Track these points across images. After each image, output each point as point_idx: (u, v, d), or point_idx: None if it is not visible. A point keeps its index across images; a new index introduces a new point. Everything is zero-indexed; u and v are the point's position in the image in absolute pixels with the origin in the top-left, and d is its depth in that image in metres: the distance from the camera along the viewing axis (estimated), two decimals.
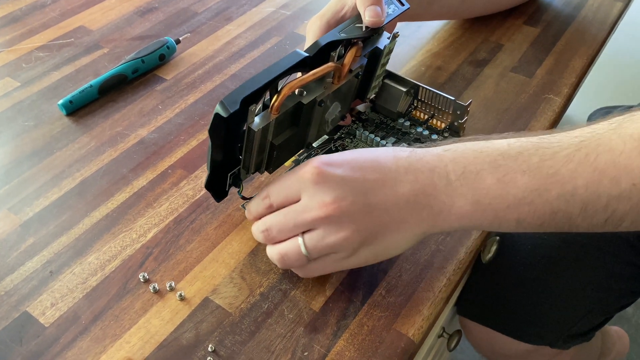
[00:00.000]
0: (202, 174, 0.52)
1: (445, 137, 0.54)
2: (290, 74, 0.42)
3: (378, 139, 0.53)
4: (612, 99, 0.95)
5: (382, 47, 0.49)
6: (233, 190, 0.50)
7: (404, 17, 0.60)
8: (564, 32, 0.68)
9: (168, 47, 0.65)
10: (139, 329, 0.41)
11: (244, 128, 0.41)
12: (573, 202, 0.36)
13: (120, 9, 0.74)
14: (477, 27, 0.70)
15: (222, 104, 0.38)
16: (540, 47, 0.66)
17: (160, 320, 0.42)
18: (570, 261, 0.65)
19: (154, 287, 0.43)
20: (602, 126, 0.36)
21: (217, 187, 0.45)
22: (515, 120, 0.57)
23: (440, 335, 0.67)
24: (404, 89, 0.54)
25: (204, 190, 0.51)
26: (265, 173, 0.49)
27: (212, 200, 0.50)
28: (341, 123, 0.54)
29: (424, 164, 0.38)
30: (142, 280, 0.44)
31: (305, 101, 0.44)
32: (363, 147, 0.54)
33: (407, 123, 0.55)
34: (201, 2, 0.76)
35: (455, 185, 0.37)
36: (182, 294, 0.43)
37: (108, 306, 0.43)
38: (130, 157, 0.54)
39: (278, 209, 0.41)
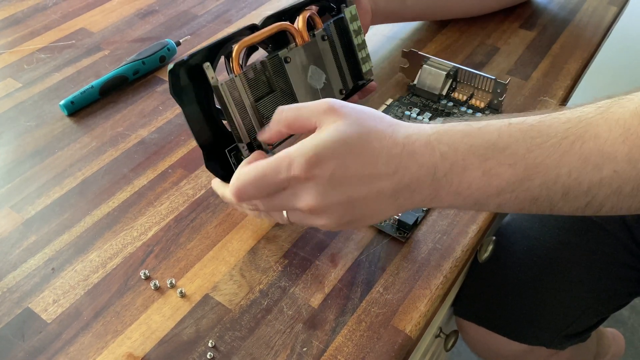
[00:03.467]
0: (202, 173, 0.53)
1: (487, 115, 0.58)
2: (238, 39, 0.45)
3: (427, 119, 0.57)
4: None
5: (343, 15, 0.52)
6: None
7: (380, 19, 0.63)
8: (559, 36, 0.69)
9: (168, 49, 0.66)
10: (140, 324, 0.42)
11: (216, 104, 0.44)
12: (555, 189, 0.37)
13: (121, 12, 0.75)
14: (473, 30, 0.71)
15: (173, 64, 0.41)
16: (536, 50, 0.67)
17: (161, 317, 0.42)
18: (565, 262, 0.66)
19: (154, 284, 0.44)
20: (590, 110, 0.37)
21: (221, 167, 0.46)
22: None
23: (437, 336, 0.67)
24: (444, 72, 0.58)
25: (204, 189, 0.51)
26: None
27: (212, 199, 0.51)
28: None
29: (414, 161, 0.39)
30: (143, 277, 0.45)
31: (268, 58, 0.46)
32: None
33: (450, 104, 0.59)
34: (201, 5, 0.76)
35: (442, 182, 0.38)
36: (183, 291, 0.44)
37: (109, 303, 0.43)
38: (131, 157, 0.55)
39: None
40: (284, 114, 0.41)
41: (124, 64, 0.63)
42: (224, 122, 0.45)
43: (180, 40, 0.67)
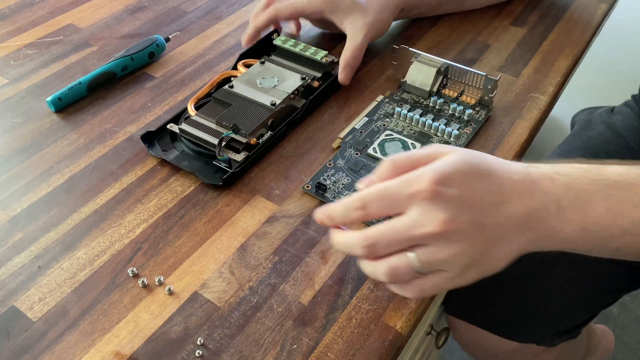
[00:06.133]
0: None
1: (477, 112, 0.58)
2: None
3: (417, 116, 0.56)
4: (596, 99, 0.97)
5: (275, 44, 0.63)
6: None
7: (418, 11, 0.70)
8: (550, 33, 0.69)
9: (157, 45, 0.65)
10: (128, 323, 0.41)
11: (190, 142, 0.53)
12: None
13: (110, 8, 0.74)
14: (465, 27, 0.71)
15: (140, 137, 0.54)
16: (527, 47, 0.67)
17: (149, 315, 0.42)
18: (555, 259, 0.66)
19: (142, 282, 0.43)
20: None
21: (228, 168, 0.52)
22: (502, 118, 0.58)
23: (428, 333, 0.67)
24: (435, 68, 0.58)
25: (193, 186, 0.51)
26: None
27: (201, 196, 0.50)
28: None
29: (538, 187, 0.38)
30: (131, 275, 0.44)
31: (216, 94, 0.56)
32: (404, 125, 0.56)
33: (441, 100, 0.58)
34: (191, 1, 0.76)
35: (567, 211, 0.38)
36: (171, 289, 0.43)
37: (97, 300, 0.43)
38: (119, 153, 0.54)
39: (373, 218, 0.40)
40: (397, 158, 0.39)
41: (112, 60, 0.62)
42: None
43: (170, 37, 0.67)
